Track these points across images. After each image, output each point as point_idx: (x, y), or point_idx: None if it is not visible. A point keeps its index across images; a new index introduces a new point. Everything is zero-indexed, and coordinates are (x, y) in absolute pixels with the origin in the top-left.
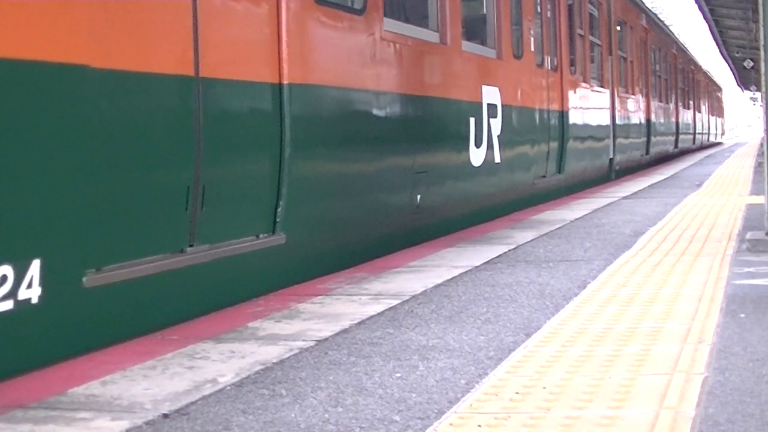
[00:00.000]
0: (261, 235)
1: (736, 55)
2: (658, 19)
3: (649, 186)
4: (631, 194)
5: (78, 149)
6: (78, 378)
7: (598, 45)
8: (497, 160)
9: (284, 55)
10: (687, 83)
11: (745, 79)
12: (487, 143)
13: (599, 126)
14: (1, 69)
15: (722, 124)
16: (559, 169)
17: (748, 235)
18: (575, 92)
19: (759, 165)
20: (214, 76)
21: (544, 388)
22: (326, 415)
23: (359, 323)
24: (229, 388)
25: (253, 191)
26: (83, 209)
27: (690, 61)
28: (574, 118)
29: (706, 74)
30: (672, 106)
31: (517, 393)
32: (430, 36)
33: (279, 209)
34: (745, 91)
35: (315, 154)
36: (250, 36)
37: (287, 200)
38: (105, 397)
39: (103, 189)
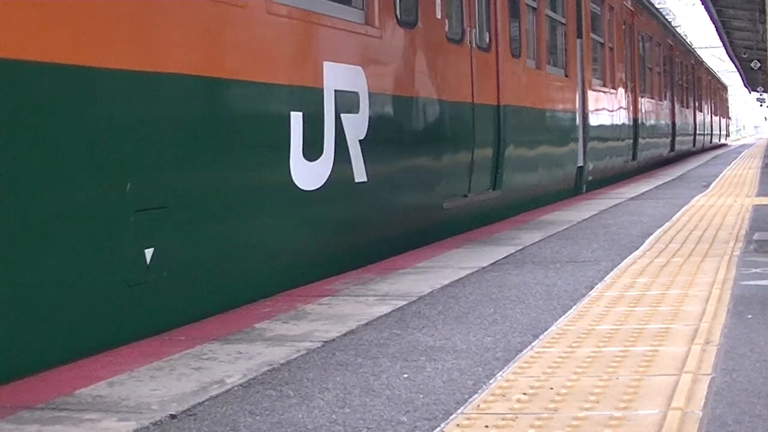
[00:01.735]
0: None
1: (743, 56)
2: (649, 2)
3: (655, 187)
4: (638, 195)
5: None
6: (85, 378)
7: (562, 24)
8: (360, 177)
9: None
10: (686, 79)
11: (752, 80)
12: (336, 152)
13: (561, 127)
14: None
15: (727, 125)
16: (494, 184)
17: (756, 236)
18: (519, 81)
19: (766, 166)
20: None
21: (552, 388)
22: (333, 416)
23: (366, 324)
24: (236, 388)
25: None
26: None
27: (690, 54)
28: (518, 115)
29: (709, 70)
30: (667, 103)
31: (524, 394)
32: None
33: None
34: (752, 93)
35: None
36: None
37: None
38: (112, 398)
39: None
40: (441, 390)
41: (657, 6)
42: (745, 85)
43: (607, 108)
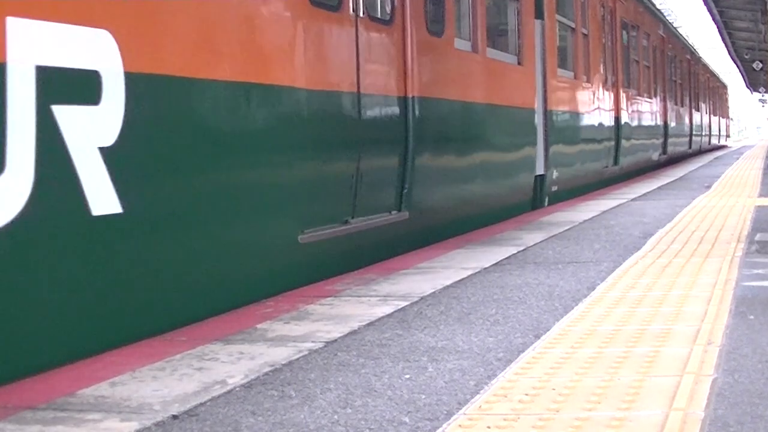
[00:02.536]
0: None
1: (745, 57)
2: None
3: (657, 188)
4: (640, 196)
5: None
6: (87, 379)
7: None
8: (103, 207)
9: None
10: (681, 75)
11: (754, 80)
12: (40, 167)
13: (510, 127)
14: None
15: (727, 125)
16: (401, 203)
17: (758, 237)
18: (442, 67)
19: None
20: None
21: (554, 389)
22: (335, 417)
23: (368, 325)
24: (238, 389)
25: None
26: None
27: (685, 48)
28: (438, 111)
29: (707, 67)
30: (658, 101)
31: (526, 394)
32: None
33: None
34: (754, 93)
35: None
36: None
37: None
38: (114, 399)
39: None
40: (443, 390)
41: (658, 6)
42: (747, 86)
43: (579, 105)
